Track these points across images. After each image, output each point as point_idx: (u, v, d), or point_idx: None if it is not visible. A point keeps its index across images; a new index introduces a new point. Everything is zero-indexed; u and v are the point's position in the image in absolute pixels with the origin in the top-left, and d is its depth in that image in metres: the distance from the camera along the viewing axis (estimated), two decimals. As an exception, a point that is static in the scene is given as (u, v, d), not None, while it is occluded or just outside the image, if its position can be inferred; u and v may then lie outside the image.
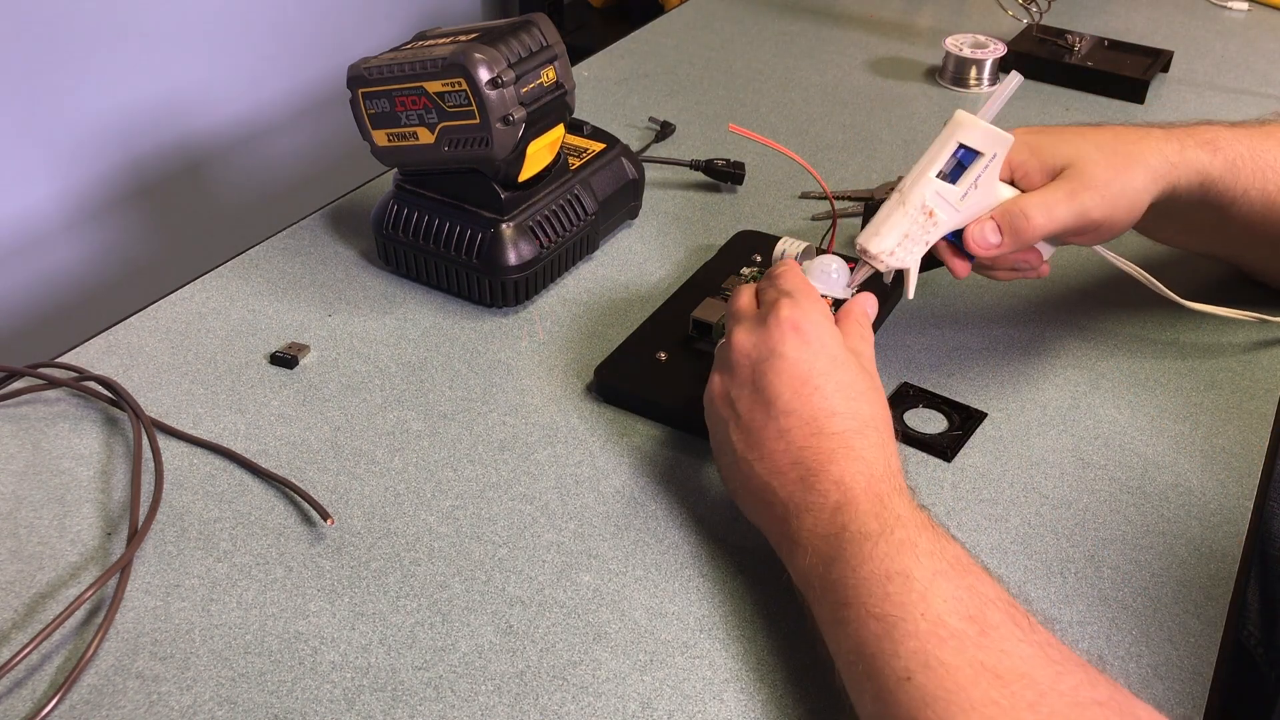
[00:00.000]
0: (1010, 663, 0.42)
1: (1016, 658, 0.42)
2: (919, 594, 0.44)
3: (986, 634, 0.42)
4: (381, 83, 0.68)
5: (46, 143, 1.38)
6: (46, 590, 0.52)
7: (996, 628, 0.43)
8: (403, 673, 0.48)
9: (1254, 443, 0.62)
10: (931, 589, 0.44)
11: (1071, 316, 0.72)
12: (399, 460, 0.60)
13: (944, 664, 0.42)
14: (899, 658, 0.43)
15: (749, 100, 1.03)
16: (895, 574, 0.45)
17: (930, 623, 0.43)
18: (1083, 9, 1.27)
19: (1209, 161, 0.63)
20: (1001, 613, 0.44)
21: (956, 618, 0.43)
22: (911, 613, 0.43)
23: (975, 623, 0.43)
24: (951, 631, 0.43)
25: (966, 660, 0.42)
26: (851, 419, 0.51)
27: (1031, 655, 0.42)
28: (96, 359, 0.67)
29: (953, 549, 0.46)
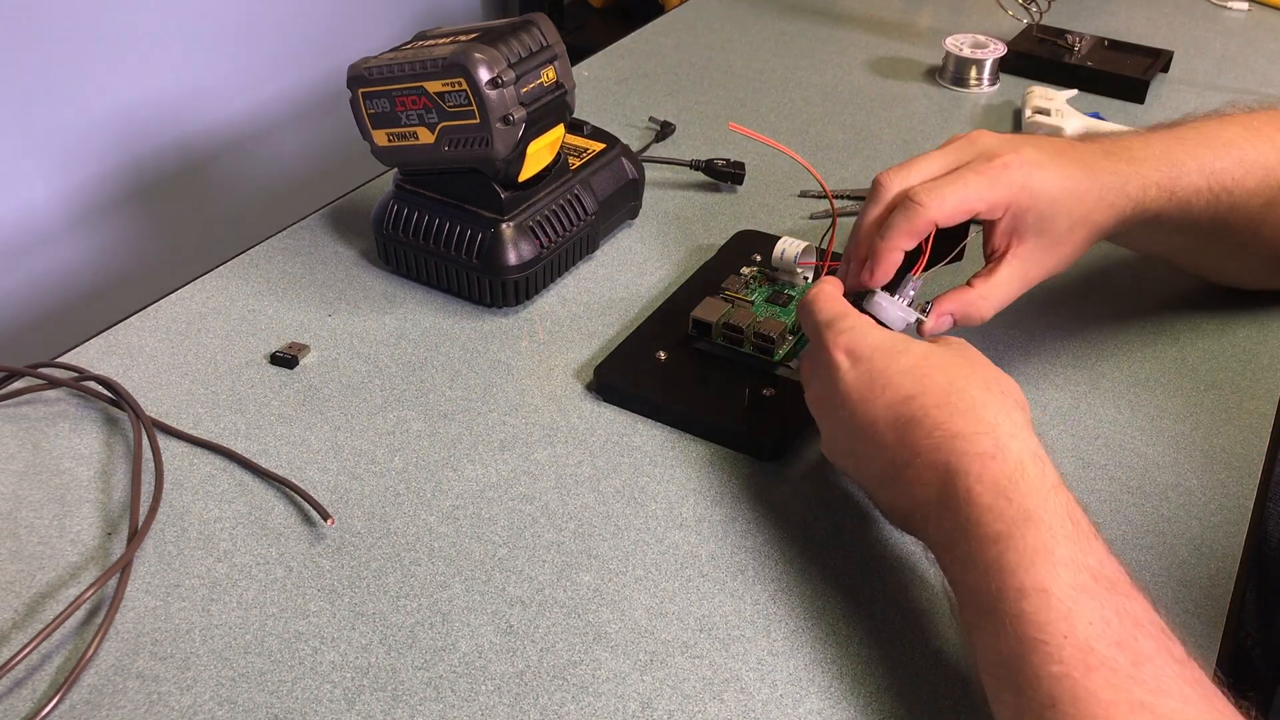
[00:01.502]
0: (1171, 705, 0.38)
1: (1177, 699, 0.38)
2: (1061, 614, 0.40)
3: (1140, 665, 0.39)
4: (381, 83, 0.68)
5: (46, 143, 1.38)
6: (46, 590, 0.52)
7: (1150, 660, 0.39)
8: (403, 673, 0.48)
9: (1254, 443, 0.62)
10: (1075, 608, 0.40)
11: (1071, 316, 0.72)
12: (399, 460, 0.60)
13: (1095, 698, 0.38)
14: (1041, 682, 0.39)
15: (749, 100, 1.03)
16: (1031, 589, 0.41)
17: (1075, 648, 0.39)
18: (1083, 9, 1.27)
19: (1161, 208, 0.63)
20: (1154, 641, 0.40)
21: (1105, 644, 0.39)
22: (1053, 635, 0.40)
23: (1127, 651, 0.39)
24: (1101, 660, 0.39)
25: (1123, 696, 0.38)
26: (929, 394, 0.48)
27: (1192, 698, 0.39)
28: (96, 359, 0.67)
29: (1095, 554, 0.42)
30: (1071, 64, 1.07)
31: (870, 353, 0.51)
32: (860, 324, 0.53)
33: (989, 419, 0.47)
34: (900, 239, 0.56)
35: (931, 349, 0.52)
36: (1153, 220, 0.63)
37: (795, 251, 0.69)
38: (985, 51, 1.06)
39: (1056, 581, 0.41)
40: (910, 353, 0.51)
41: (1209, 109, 0.69)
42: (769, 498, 0.58)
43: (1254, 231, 0.66)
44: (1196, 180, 0.63)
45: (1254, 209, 0.65)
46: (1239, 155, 0.65)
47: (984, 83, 1.07)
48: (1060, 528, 0.43)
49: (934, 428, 0.47)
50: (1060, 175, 0.58)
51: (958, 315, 0.59)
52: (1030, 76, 1.08)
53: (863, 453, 0.51)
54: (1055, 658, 0.39)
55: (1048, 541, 0.42)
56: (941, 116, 1.02)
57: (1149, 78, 1.04)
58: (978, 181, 0.56)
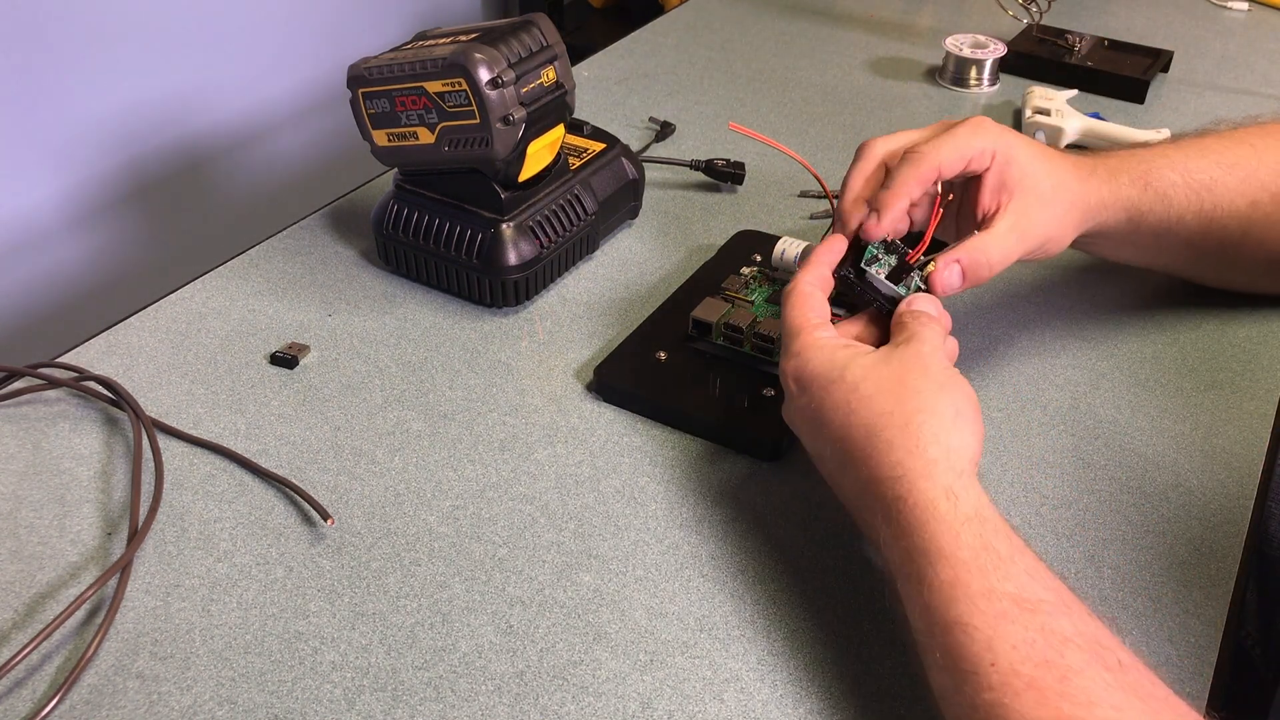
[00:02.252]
0: (1102, 714, 0.39)
1: (1108, 708, 0.39)
2: (983, 644, 0.41)
3: (1068, 680, 0.40)
4: (381, 83, 0.68)
5: (46, 143, 1.38)
6: (46, 590, 0.52)
7: (1079, 672, 0.40)
8: (403, 673, 0.48)
9: (1254, 443, 0.62)
10: (997, 637, 0.41)
11: (1071, 317, 0.72)
12: (399, 460, 0.60)
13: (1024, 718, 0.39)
14: (977, 710, 0.40)
15: (749, 100, 1.03)
16: (953, 624, 0.42)
17: (1002, 674, 0.40)
18: (1083, 9, 1.27)
19: (1139, 197, 0.64)
20: (1084, 653, 0.41)
21: (1030, 665, 0.40)
22: (980, 665, 0.41)
23: (1053, 669, 0.40)
24: (1028, 682, 0.40)
25: (1051, 713, 0.39)
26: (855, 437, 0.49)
27: (1124, 704, 0.39)
28: (96, 359, 0.67)
29: (1014, 581, 0.43)
30: (1071, 64, 1.07)
31: (810, 383, 0.52)
32: (807, 347, 0.53)
33: (900, 461, 0.48)
34: (906, 186, 0.58)
35: (866, 373, 0.51)
36: (1135, 212, 0.64)
37: (795, 251, 0.69)
38: (985, 51, 1.06)
39: (975, 613, 0.42)
40: (843, 383, 0.51)
41: (1203, 123, 0.70)
42: (769, 498, 0.58)
43: (1244, 232, 0.66)
44: (1170, 174, 0.65)
45: (1239, 208, 0.66)
46: (1216, 157, 0.66)
47: (984, 83, 1.07)
48: (974, 561, 0.44)
49: (858, 471, 0.49)
50: (1030, 143, 0.62)
51: (966, 264, 0.59)
52: (1030, 76, 1.08)
53: (827, 474, 0.54)
54: (985, 685, 0.40)
55: (961, 576, 0.43)
56: (941, 116, 1.01)
57: (1149, 78, 1.04)
58: (964, 131, 0.59)
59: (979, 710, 0.40)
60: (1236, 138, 0.68)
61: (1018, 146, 0.60)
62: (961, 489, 0.46)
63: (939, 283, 0.58)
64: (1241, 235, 0.67)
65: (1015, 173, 0.60)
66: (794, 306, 0.56)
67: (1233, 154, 0.66)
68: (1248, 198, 0.66)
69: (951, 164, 0.59)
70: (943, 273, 0.58)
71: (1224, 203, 0.65)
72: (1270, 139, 0.68)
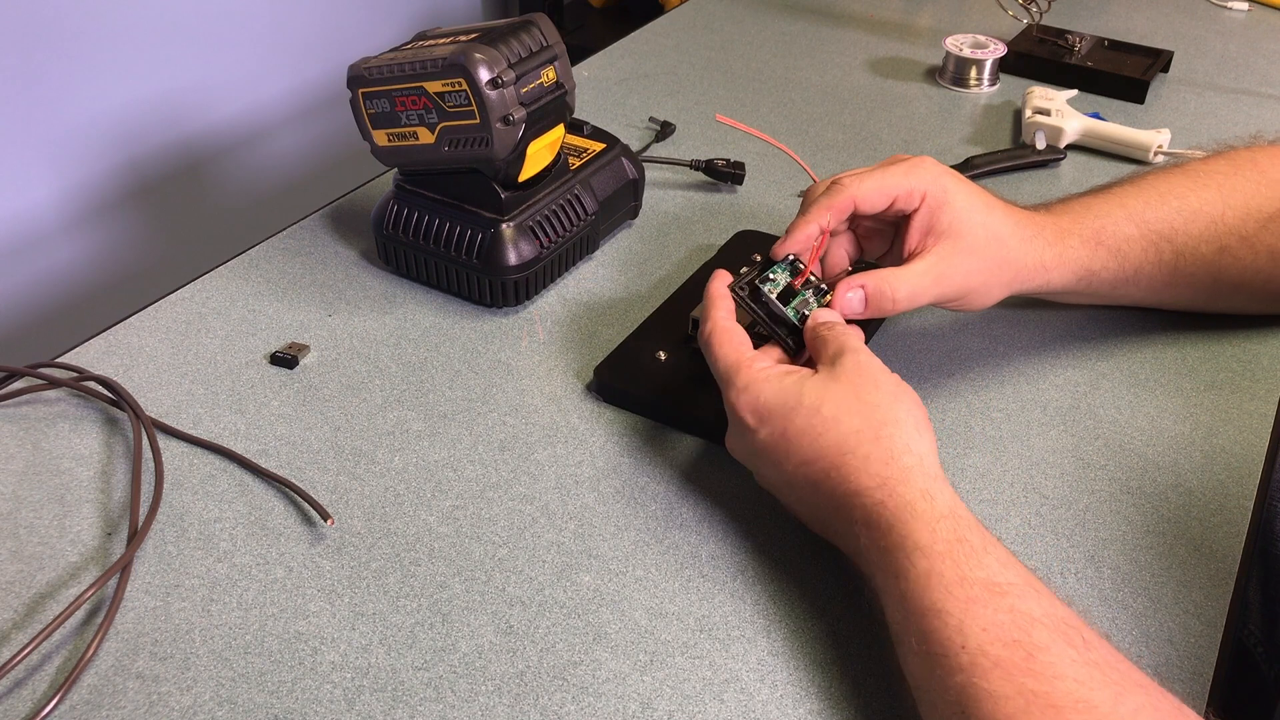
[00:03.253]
0: (1065, 687, 0.40)
1: (1071, 681, 0.41)
2: (954, 628, 0.43)
3: (1034, 658, 0.41)
4: (381, 83, 0.68)
5: (46, 143, 1.38)
6: (46, 590, 0.52)
7: (1045, 649, 0.42)
8: (403, 673, 0.48)
9: (1254, 443, 0.62)
10: (967, 620, 0.43)
11: (1071, 317, 0.72)
12: (399, 460, 0.60)
13: (991, 695, 0.41)
14: (949, 692, 0.42)
15: (749, 100, 1.03)
16: (929, 611, 0.44)
17: (970, 654, 0.42)
18: (1083, 9, 1.27)
19: (1089, 257, 0.64)
20: (1051, 631, 0.42)
21: (998, 645, 0.42)
22: (951, 648, 0.43)
23: (1020, 648, 0.42)
24: (995, 660, 0.42)
25: (1015, 689, 0.41)
26: (826, 457, 0.51)
27: (1088, 678, 0.41)
28: (96, 359, 0.67)
29: (986, 569, 0.45)
30: (1071, 64, 1.07)
31: (769, 414, 0.53)
32: (755, 380, 0.54)
33: (878, 471, 0.49)
34: (818, 213, 0.60)
35: (822, 395, 0.52)
36: (1086, 272, 0.64)
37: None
38: (985, 52, 1.06)
39: (949, 599, 0.44)
40: (802, 409, 0.52)
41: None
42: (769, 498, 0.58)
43: (1214, 279, 0.66)
44: (1126, 228, 0.64)
45: (1206, 256, 0.65)
46: (1178, 204, 0.65)
47: (984, 83, 1.07)
48: (947, 552, 0.46)
49: (833, 488, 0.51)
50: (973, 191, 0.61)
51: (870, 292, 0.59)
52: (1030, 76, 1.08)
53: (790, 498, 0.55)
54: (955, 668, 0.42)
55: (936, 566, 0.45)
56: (941, 117, 1.02)
57: (1149, 78, 1.04)
58: (895, 169, 0.60)
59: (950, 692, 0.42)
60: (1204, 176, 0.66)
61: (956, 193, 0.60)
62: (936, 490, 0.49)
63: (839, 304, 0.59)
64: (1212, 280, 0.66)
65: (946, 218, 0.60)
66: (722, 344, 0.56)
67: (1196, 198, 0.65)
68: (1215, 244, 0.65)
69: (870, 199, 0.59)
70: (844, 293, 0.59)
71: (1188, 250, 0.64)
72: (1238, 176, 0.66)
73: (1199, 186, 0.66)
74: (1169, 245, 0.64)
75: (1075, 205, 0.65)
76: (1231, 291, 0.67)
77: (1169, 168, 0.68)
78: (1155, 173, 0.68)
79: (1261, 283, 0.67)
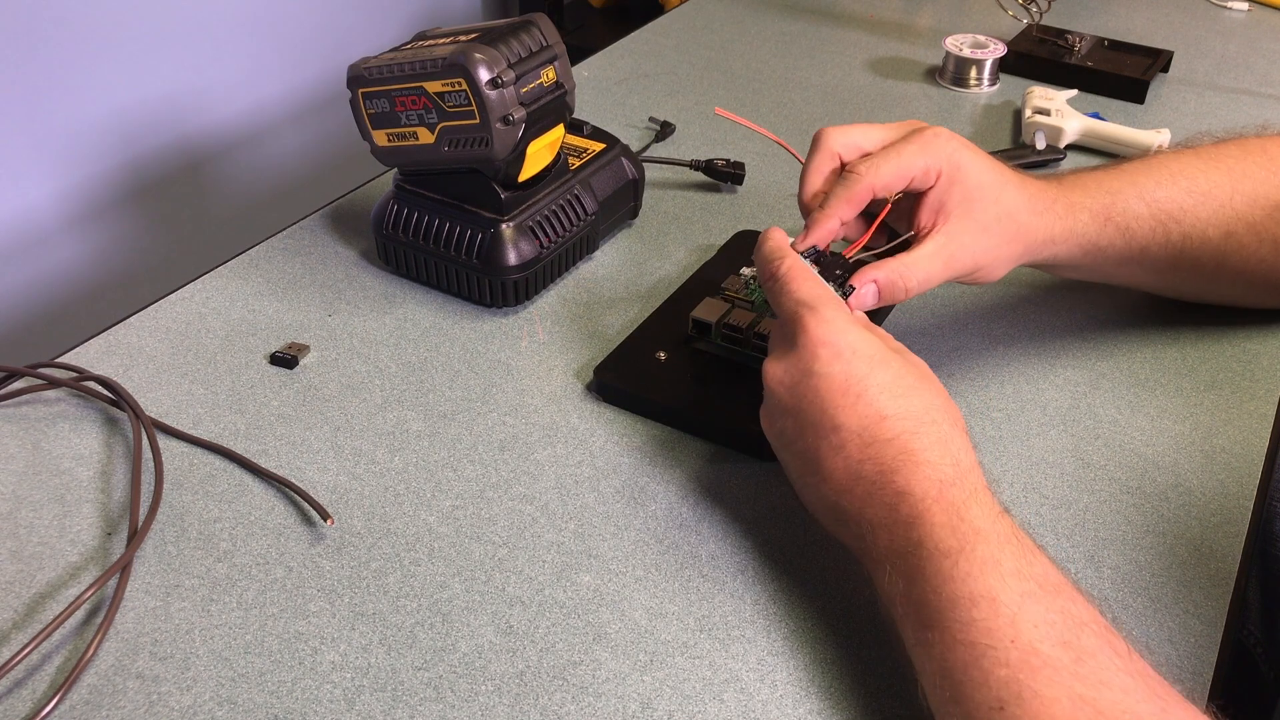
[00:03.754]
0: (1112, 696, 0.40)
1: (1118, 690, 0.40)
2: (1007, 619, 0.42)
3: (1083, 662, 0.41)
4: (381, 83, 0.68)
5: (46, 143, 1.38)
6: (46, 590, 0.52)
7: (1093, 655, 0.41)
8: (403, 673, 0.48)
9: (1254, 443, 0.62)
10: (1021, 613, 0.42)
11: (1071, 316, 0.72)
12: (399, 460, 0.60)
13: (1039, 696, 0.40)
14: (989, 687, 0.41)
15: (749, 100, 1.03)
16: (980, 597, 0.43)
17: (1021, 650, 0.41)
18: (1083, 9, 1.27)
19: (1097, 233, 0.63)
20: (1097, 638, 0.42)
21: (1049, 644, 0.41)
22: (1000, 640, 0.42)
23: (1070, 649, 0.41)
24: (1045, 660, 0.41)
25: (1064, 692, 0.40)
26: (905, 419, 0.49)
27: (1133, 688, 0.40)
28: (96, 359, 0.67)
29: (1040, 565, 0.44)
30: (1071, 64, 1.07)
31: (851, 355, 0.50)
32: (841, 316, 0.52)
33: (954, 453, 0.49)
34: (838, 207, 0.59)
35: (905, 368, 0.51)
36: (1093, 248, 0.63)
37: None
38: (985, 52, 1.06)
39: (1005, 589, 0.43)
40: (889, 367, 0.50)
41: (1203, 124, 0.69)
42: (769, 498, 0.58)
43: (1218, 263, 0.66)
44: (1135, 206, 0.63)
45: (1212, 239, 0.65)
46: (1188, 185, 0.65)
47: (984, 83, 1.07)
48: (1008, 543, 0.45)
49: (903, 451, 0.48)
50: (988, 165, 0.60)
51: (882, 284, 0.58)
52: (1030, 76, 1.08)
53: (812, 447, 0.51)
54: (1003, 661, 0.41)
55: (996, 554, 0.44)
56: (941, 117, 1.02)
57: (1149, 78, 1.04)
58: (910, 149, 0.59)
59: (991, 686, 0.41)
60: (1215, 159, 0.66)
61: (970, 168, 0.59)
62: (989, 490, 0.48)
63: (854, 303, 0.58)
64: (1216, 265, 0.66)
65: (958, 195, 0.59)
66: (803, 278, 0.55)
67: (1206, 180, 0.65)
68: (1221, 229, 0.64)
69: (889, 184, 0.59)
70: (859, 293, 0.58)
71: (1194, 233, 0.64)
72: (1248, 161, 0.66)
73: (1209, 168, 0.65)
74: (1176, 226, 0.64)
75: (1087, 179, 0.65)
76: (1233, 279, 0.67)
77: (1180, 149, 0.68)
78: (1167, 153, 0.68)
79: (1264, 272, 0.66)
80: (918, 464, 0.48)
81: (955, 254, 0.59)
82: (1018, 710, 0.40)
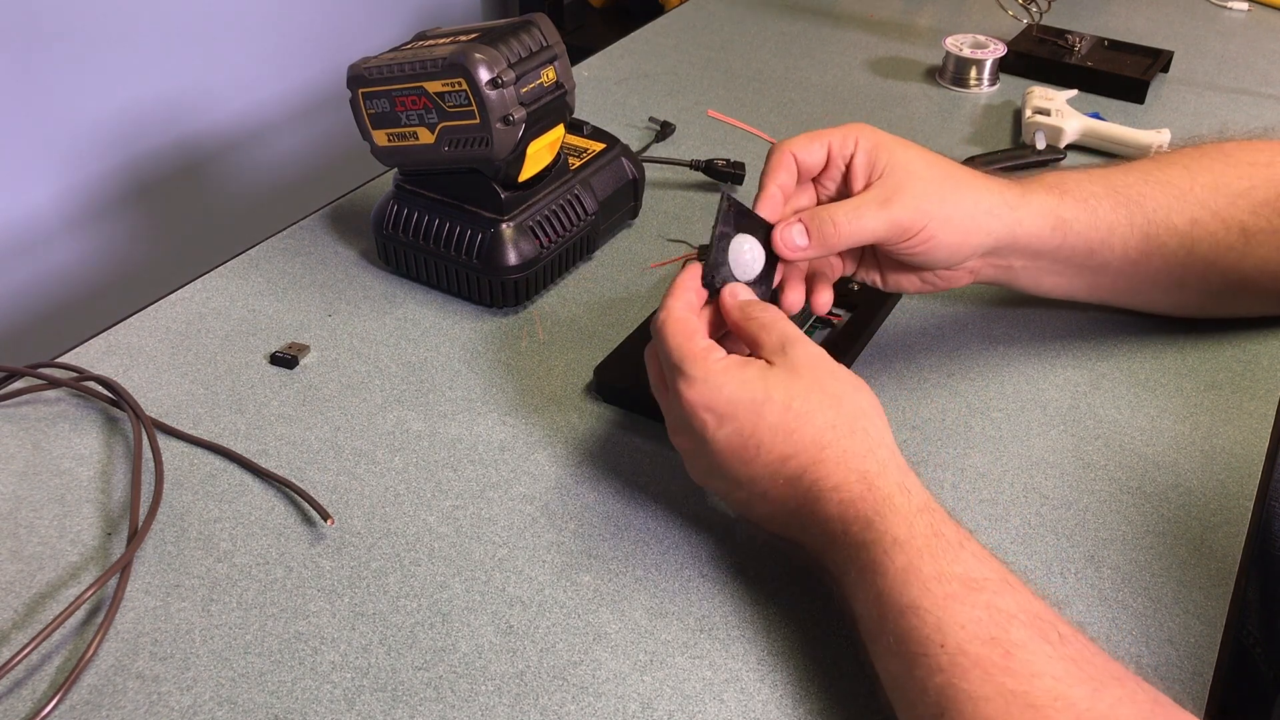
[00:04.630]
0: (1044, 685, 0.40)
1: (1049, 678, 0.40)
2: (934, 625, 0.43)
3: (1012, 656, 0.41)
4: (381, 83, 0.68)
5: (46, 143, 1.38)
6: (46, 590, 0.52)
7: (1022, 646, 0.41)
8: (403, 673, 0.48)
9: (1254, 443, 0.62)
10: (945, 617, 0.43)
11: (1071, 317, 0.72)
12: (399, 460, 0.60)
13: (971, 697, 0.40)
14: (928, 693, 0.42)
15: (749, 100, 1.03)
16: (906, 608, 0.44)
17: (950, 654, 0.42)
18: (1083, 9, 1.27)
19: (1056, 203, 0.62)
20: (1027, 628, 0.42)
21: (977, 643, 0.41)
22: (931, 647, 0.42)
23: (998, 645, 0.41)
24: (974, 660, 0.41)
25: (994, 689, 0.40)
26: (804, 453, 0.49)
27: (1065, 674, 0.40)
28: (96, 359, 0.67)
29: (962, 564, 0.45)
30: (1071, 64, 1.07)
31: (733, 410, 0.50)
32: (713, 373, 0.51)
33: (858, 466, 0.49)
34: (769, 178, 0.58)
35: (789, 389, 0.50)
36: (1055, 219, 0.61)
37: None
38: (985, 51, 1.06)
39: (927, 595, 0.44)
40: (773, 403, 0.49)
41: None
42: (769, 498, 0.58)
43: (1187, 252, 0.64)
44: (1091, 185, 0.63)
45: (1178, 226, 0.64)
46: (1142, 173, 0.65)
47: (984, 83, 1.07)
48: (925, 547, 0.45)
49: (813, 483, 0.49)
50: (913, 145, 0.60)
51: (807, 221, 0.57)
52: (1030, 76, 1.08)
53: (743, 498, 0.52)
54: (935, 668, 0.42)
55: (914, 561, 0.45)
56: (941, 116, 1.02)
57: (1149, 78, 1.04)
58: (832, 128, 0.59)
59: (929, 693, 0.42)
60: (1167, 159, 0.66)
61: (894, 141, 0.59)
62: (910, 484, 0.49)
63: (780, 241, 0.57)
64: (1186, 254, 0.64)
65: (885, 157, 0.58)
66: (674, 334, 0.52)
67: (1162, 173, 0.65)
68: (1185, 215, 0.64)
69: (805, 147, 0.58)
70: (783, 231, 0.57)
71: (1158, 220, 0.63)
72: (1204, 159, 0.66)
73: (1164, 165, 0.65)
74: (1139, 209, 0.63)
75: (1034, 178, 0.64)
76: (1205, 269, 0.65)
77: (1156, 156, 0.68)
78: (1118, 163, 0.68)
79: (1235, 260, 0.65)
80: (826, 490, 0.49)
81: (890, 198, 0.57)
82: (955, 714, 0.41)
